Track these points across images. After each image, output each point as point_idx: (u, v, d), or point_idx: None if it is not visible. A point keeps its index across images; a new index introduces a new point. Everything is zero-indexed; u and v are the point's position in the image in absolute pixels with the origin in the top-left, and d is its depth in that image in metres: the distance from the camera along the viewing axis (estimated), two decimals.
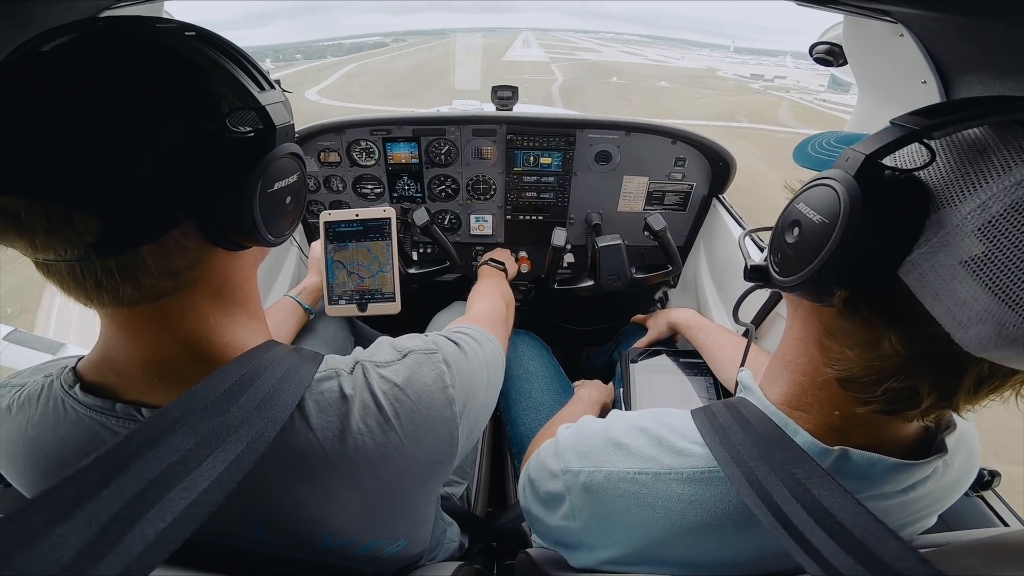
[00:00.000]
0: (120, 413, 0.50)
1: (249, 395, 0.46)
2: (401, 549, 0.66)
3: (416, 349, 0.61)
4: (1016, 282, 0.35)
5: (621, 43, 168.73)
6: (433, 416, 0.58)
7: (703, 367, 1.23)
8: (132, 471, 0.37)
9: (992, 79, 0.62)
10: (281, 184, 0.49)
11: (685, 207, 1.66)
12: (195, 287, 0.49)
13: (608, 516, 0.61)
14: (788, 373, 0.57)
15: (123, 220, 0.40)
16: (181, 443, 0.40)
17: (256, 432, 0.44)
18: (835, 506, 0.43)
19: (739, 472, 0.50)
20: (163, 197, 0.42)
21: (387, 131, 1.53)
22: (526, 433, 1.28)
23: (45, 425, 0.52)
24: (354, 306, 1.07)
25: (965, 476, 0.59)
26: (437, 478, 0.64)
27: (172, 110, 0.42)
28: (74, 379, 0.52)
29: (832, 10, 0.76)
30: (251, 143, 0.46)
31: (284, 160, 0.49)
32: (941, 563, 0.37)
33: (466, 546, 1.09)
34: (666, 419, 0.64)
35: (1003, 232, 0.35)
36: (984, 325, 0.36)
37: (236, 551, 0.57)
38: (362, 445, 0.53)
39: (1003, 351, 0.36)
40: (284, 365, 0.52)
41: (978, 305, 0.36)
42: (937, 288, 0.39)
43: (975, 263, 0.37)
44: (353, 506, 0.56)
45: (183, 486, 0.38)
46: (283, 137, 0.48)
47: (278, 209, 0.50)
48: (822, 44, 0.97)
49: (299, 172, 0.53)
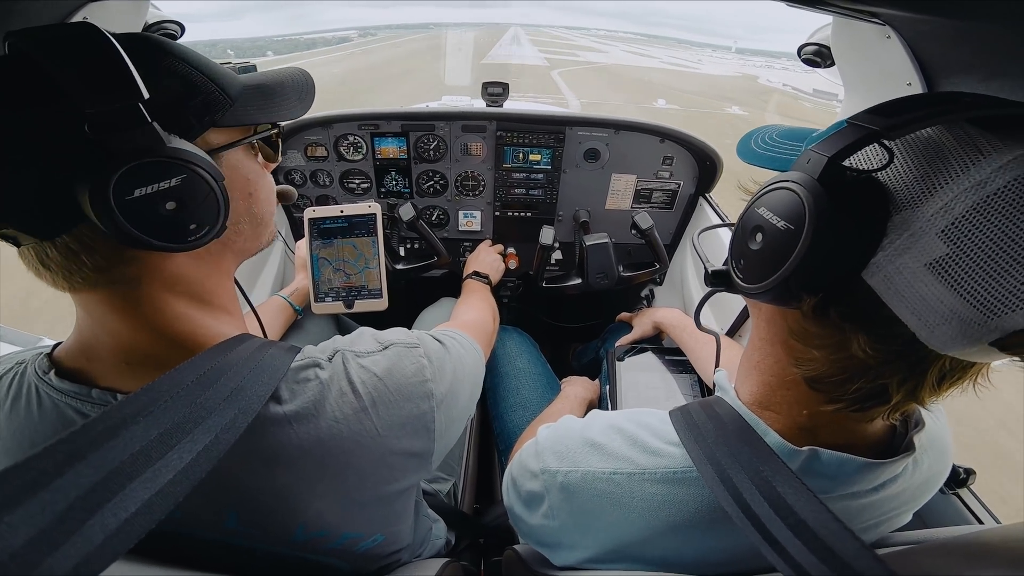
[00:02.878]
0: (96, 399, 0.50)
1: (219, 386, 0.46)
2: (377, 545, 0.65)
3: (398, 342, 0.61)
4: (980, 282, 0.35)
5: (619, 41, 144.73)
6: (410, 408, 0.58)
7: (688, 365, 1.24)
8: (89, 460, 0.36)
9: (976, 81, 0.62)
10: (144, 190, 0.45)
11: (672, 205, 1.66)
12: (142, 281, 0.50)
13: (585, 516, 0.61)
14: (756, 374, 0.57)
15: (22, 223, 0.44)
16: (144, 433, 0.40)
17: (226, 422, 0.44)
18: (799, 504, 0.43)
19: (712, 471, 0.50)
20: (43, 203, 0.44)
21: (375, 126, 1.51)
22: (513, 429, 1.28)
23: (16, 412, 0.51)
24: (341, 303, 1.06)
25: (937, 475, 0.60)
26: (414, 472, 0.63)
27: (29, 121, 0.42)
28: (49, 365, 0.52)
29: (821, 11, 0.77)
30: (106, 149, 0.43)
31: (155, 164, 0.45)
32: (909, 562, 0.38)
33: (453, 543, 1.09)
34: (643, 419, 0.64)
35: (966, 233, 0.36)
36: (950, 325, 0.37)
37: (209, 544, 0.56)
38: (337, 432, 0.53)
39: (968, 348, 0.37)
40: (257, 357, 0.52)
41: (943, 306, 0.37)
42: (903, 290, 0.39)
43: (940, 264, 0.37)
44: (327, 496, 0.55)
45: (146, 477, 0.38)
46: (143, 139, 0.44)
47: (154, 215, 0.46)
48: (810, 45, 0.98)
49: (184, 176, 0.47)
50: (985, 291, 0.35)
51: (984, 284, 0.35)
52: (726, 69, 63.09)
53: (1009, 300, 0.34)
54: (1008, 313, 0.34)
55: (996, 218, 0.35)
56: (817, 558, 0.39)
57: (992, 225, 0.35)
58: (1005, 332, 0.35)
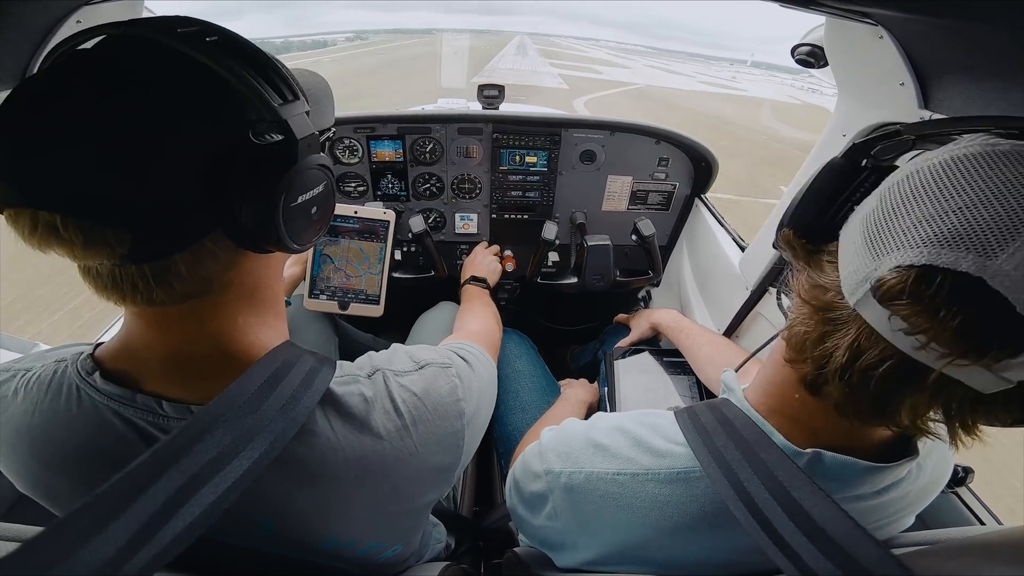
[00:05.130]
0: (140, 404, 0.49)
1: (276, 395, 0.48)
2: (397, 554, 0.67)
3: (433, 362, 0.63)
4: (878, 229, 0.40)
5: (636, 54, 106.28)
6: (446, 426, 0.60)
7: (686, 366, 1.24)
8: (180, 465, 0.39)
9: (968, 80, 0.63)
10: (305, 197, 0.49)
11: (668, 207, 1.67)
12: (228, 290, 0.49)
13: (589, 516, 0.61)
14: (764, 375, 0.58)
15: (153, 233, 0.41)
16: (221, 439, 0.42)
17: (278, 432, 0.46)
18: (815, 510, 0.43)
19: (720, 473, 0.51)
20: (191, 210, 0.42)
21: (371, 129, 1.51)
22: (513, 432, 1.28)
23: (55, 412, 0.51)
24: (335, 303, 1.05)
25: (940, 478, 0.60)
26: (441, 485, 0.65)
27: (198, 123, 0.41)
28: (93, 366, 0.51)
29: (814, 11, 0.77)
30: (273, 156, 0.45)
31: (310, 172, 0.48)
32: (927, 564, 0.38)
33: (452, 546, 1.08)
34: (647, 420, 0.64)
35: (891, 192, 0.41)
36: (852, 267, 0.42)
37: (235, 550, 0.56)
38: (380, 449, 0.54)
39: (859, 293, 0.40)
40: (305, 367, 0.52)
41: (854, 248, 0.42)
42: (845, 238, 0.45)
43: (867, 217, 0.42)
44: (363, 509, 0.57)
45: (215, 482, 0.40)
46: (306, 149, 0.47)
47: (302, 220, 0.50)
48: (804, 46, 0.98)
49: (325, 183, 0.52)
50: (878, 236, 0.40)
51: (879, 230, 0.40)
52: (773, 92, 45.47)
53: (891, 244, 0.38)
54: (887, 255, 0.38)
55: (914, 180, 0.39)
56: (833, 564, 0.39)
57: (908, 185, 0.40)
58: (882, 272, 0.38)
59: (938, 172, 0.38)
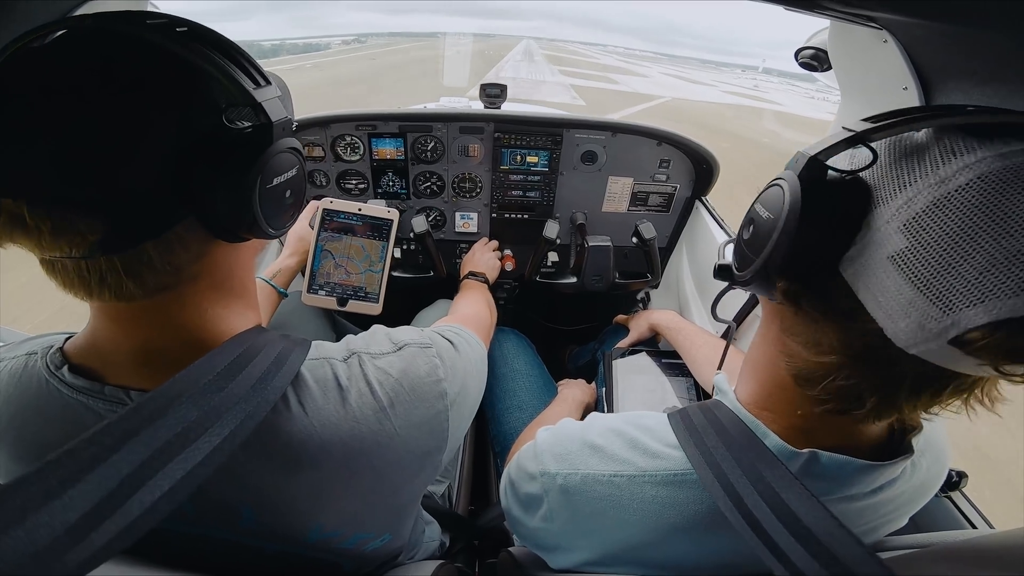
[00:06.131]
0: (108, 396, 0.49)
1: (244, 375, 0.47)
2: (385, 544, 0.66)
3: (412, 342, 0.62)
4: (935, 276, 0.36)
5: (648, 61, 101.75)
6: (426, 407, 0.59)
7: (684, 368, 1.24)
8: (141, 438, 0.38)
9: (972, 85, 0.63)
10: (280, 179, 0.49)
11: (668, 209, 1.67)
12: (196, 280, 0.49)
13: (584, 518, 0.61)
14: (755, 373, 0.58)
15: (125, 219, 0.41)
16: (186, 414, 0.41)
17: (250, 411, 0.45)
18: (802, 510, 0.43)
19: (712, 475, 0.50)
20: (163, 195, 0.42)
21: (372, 126, 1.51)
22: (509, 431, 1.28)
23: (26, 406, 0.50)
24: (334, 300, 1.04)
25: (935, 478, 0.60)
26: (427, 471, 0.64)
27: (169, 110, 0.41)
28: (62, 359, 0.51)
29: (819, 15, 0.77)
30: (248, 140, 0.45)
31: (283, 155, 0.48)
32: (914, 568, 0.38)
33: (447, 545, 1.08)
34: (642, 421, 0.64)
35: (924, 227, 0.37)
36: (909, 317, 0.38)
37: (219, 544, 0.56)
38: (358, 433, 0.53)
39: (927, 344, 0.37)
40: (276, 348, 0.52)
41: (903, 298, 0.38)
42: (870, 282, 0.40)
43: (900, 257, 0.38)
44: (345, 497, 0.56)
45: (183, 456, 0.39)
46: (280, 132, 0.47)
47: (278, 203, 0.50)
48: (807, 49, 0.98)
49: (298, 166, 0.52)
50: (940, 285, 0.36)
51: (939, 278, 0.36)
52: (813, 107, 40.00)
53: (963, 295, 0.35)
54: (963, 309, 0.35)
55: (952, 214, 0.36)
56: (819, 564, 0.39)
57: (948, 220, 0.36)
58: (961, 330, 0.35)
59: (979, 202, 0.35)
